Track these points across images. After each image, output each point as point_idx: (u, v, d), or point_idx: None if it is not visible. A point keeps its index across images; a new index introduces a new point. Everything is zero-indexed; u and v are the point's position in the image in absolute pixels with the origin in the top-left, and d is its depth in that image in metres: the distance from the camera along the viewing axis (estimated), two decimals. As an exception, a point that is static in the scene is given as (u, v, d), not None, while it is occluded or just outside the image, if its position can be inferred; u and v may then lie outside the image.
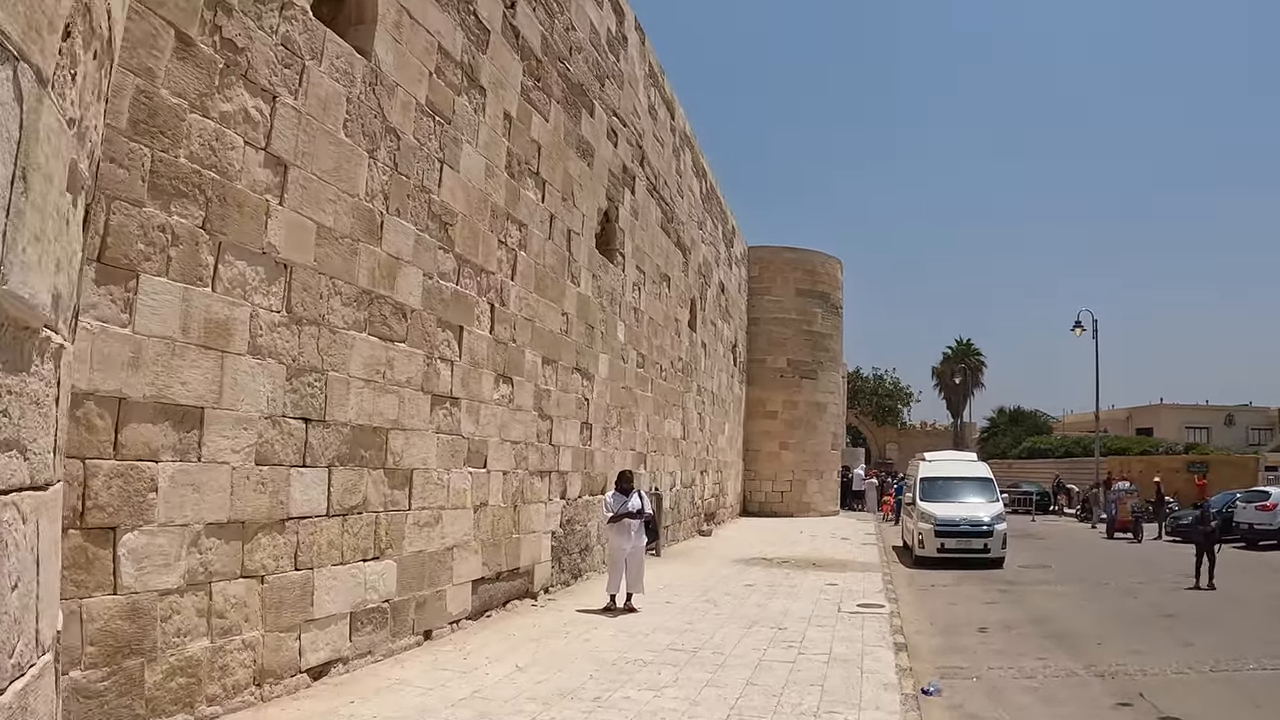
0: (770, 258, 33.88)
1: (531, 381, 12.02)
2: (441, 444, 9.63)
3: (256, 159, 6.99)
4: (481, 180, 10.54)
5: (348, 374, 8.02)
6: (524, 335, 11.77)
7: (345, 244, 8.01)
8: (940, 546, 18.94)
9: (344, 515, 8.02)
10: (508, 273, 11.27)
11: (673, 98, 20.38)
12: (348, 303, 8.04)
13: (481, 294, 10.57)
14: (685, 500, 22.02)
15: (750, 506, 32.88)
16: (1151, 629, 12.39)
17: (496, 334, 10.95)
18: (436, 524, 9.54)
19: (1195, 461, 35.72)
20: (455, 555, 9.98)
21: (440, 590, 9.65)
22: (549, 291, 12.63)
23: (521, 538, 11.79)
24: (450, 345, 9.82)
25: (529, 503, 12.05)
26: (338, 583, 7.95)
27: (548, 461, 12.65)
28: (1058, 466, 43.47)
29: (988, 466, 22.22)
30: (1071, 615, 13.32)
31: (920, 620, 12.66)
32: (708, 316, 24.83)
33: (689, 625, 10.85)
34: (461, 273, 10.07)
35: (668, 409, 19.85)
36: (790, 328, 33.73)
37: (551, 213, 12.75)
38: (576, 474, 13.81)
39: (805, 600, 13.06)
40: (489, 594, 10.89)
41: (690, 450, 22.50)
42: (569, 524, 13.52)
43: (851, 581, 15.26)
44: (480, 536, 10.63)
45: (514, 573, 11.64)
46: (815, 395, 34.21)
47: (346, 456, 8.01)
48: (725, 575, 15.72)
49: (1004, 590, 15.73)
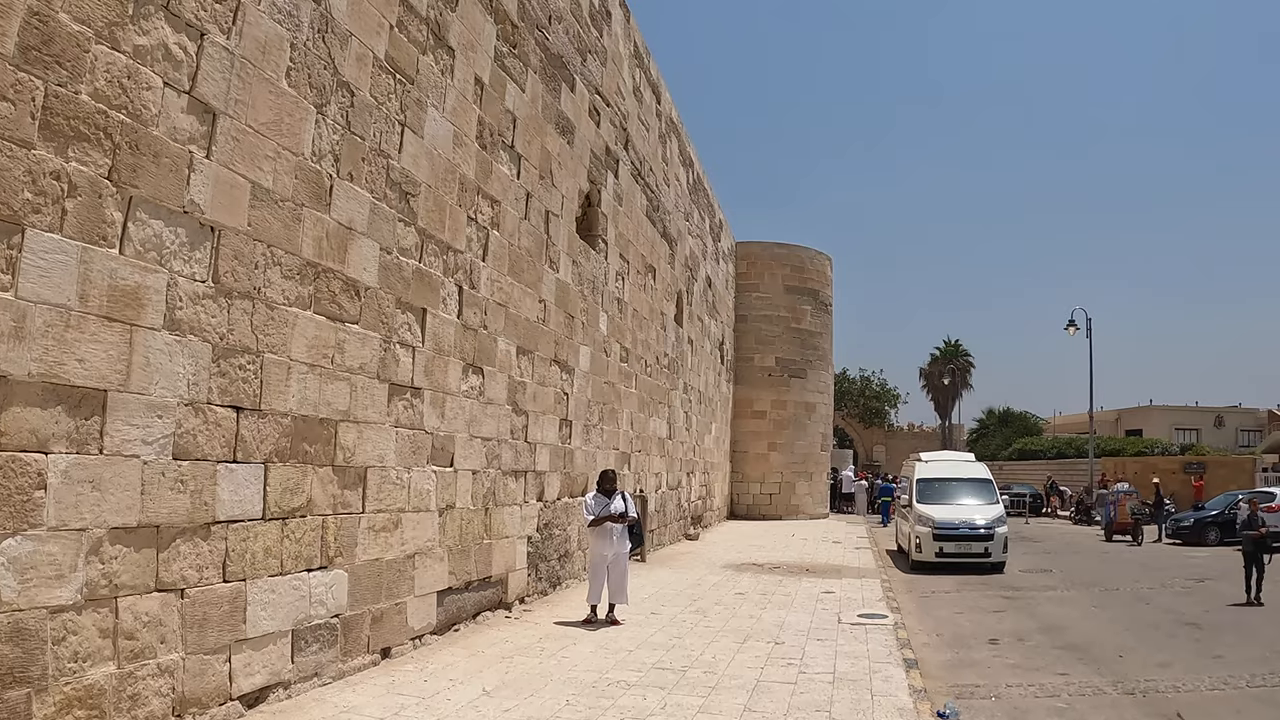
0: (759, 253, 32.96)
1: (505, 373, 11.04)
2: (401, 439, 8.64)
3: (179, 103, 6.00)
4: (449, 149, 9.56)
5: (288, 357, 7.02)
6: (496, 322, 10.79)
7: (287, 208, 7.02)
8: (939, 551, 18.02)
9: (284, 519, 7.02)
10: (478, 252, 10.29)
11: (659, 80, 19.43)
12: (289, 275, 7.05)
13: (448, 274, 9.58)
14: (671, 503, 21.05)
15: (738, 509, 31.94)
16: (1174, 639, 11.50)
17: (465, 319, 9.97)
18: (395, 529, 8.54)
19: (1192, 462, 34.97)
20: (417, 563, 8.98)
21: (400, 603, 8.65)
22: (525, 276, 11.66)
23: (493, 543, 10.80)
24: (411, 329, 8.83)
25: (502, 505, 11.06)
26: (277, 596, 6.95)
27: (523, 460, 11.67)
28: (1049, 468, 42.65)
29: (986, 467, 21.32)
30: (1085, 624, 12.43)
31: (926, 631, 11.73)
32: (694, 312, 23.88)
33: (677, 640, 9.87)
34: (425, 249, 9.09)
35: (653, 407, 18.88)
36: (779, 325, 32.81)
37: (528, 190, 11.77)
38: (555, 474, 12.82)
39: (802, 610, 12.10)
40: (457, 605, 9.90)
41: (676, 450, 21.53)
42: (547, 528, 12.54)
43: (849, 589, 14.32)
44: (446, 542, 9.64)
45: (485, 582, 10.65)
46: (804, 395, 33.29)
47: (287, 451, 7.01)
48: (715, 583, 14.75)
49: (1009, 597, 14.83)
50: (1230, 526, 23.80)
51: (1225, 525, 24.07)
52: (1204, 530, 24.49)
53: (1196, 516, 25.15)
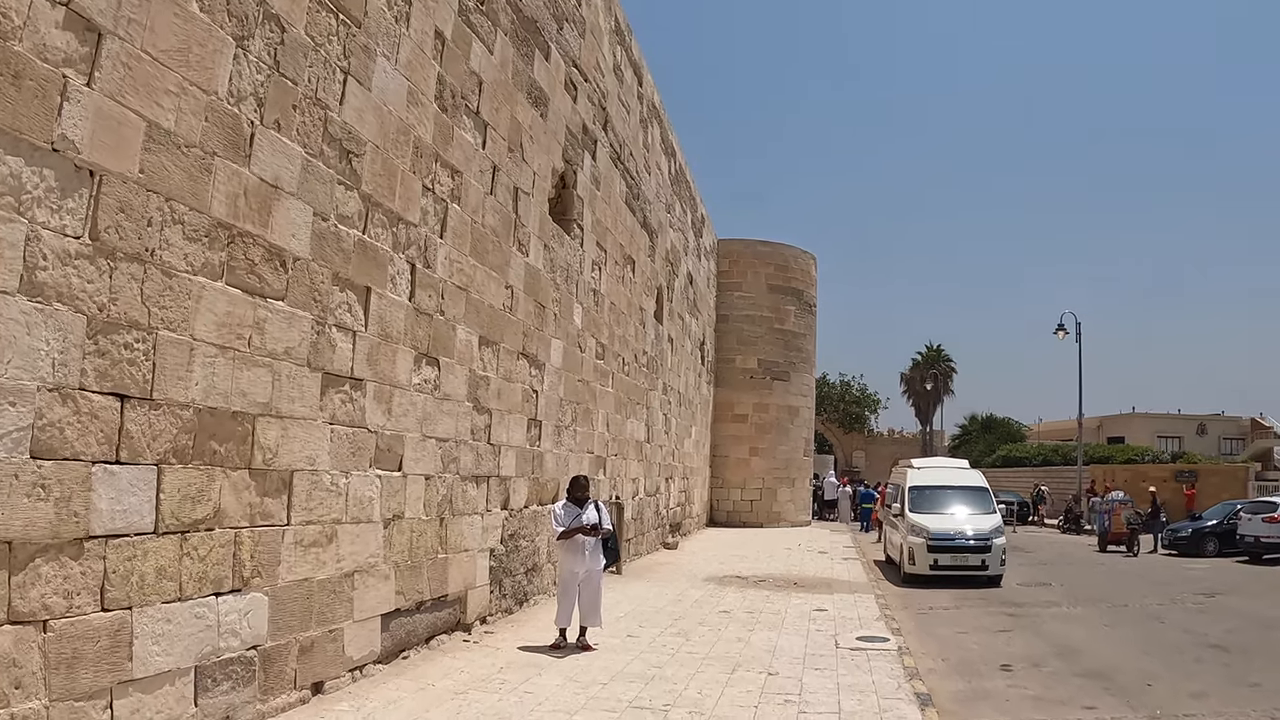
0: (741, 251, 31.85)
1: (465, 365, 9.84)
2: (338, 439, 7.43)
3: (52, 15, 4.80)
4: (402, 107, 8.36)
5: (191, 336, 5.80)
6: (456, 307, 9.59)
7: (193, 156, 5.80)
8: (933, 563, 16.92)
9: (184, 533, 5.79)
10: (435, 227, 9.09)
11: (641, 61, 18.29)
12: (194, 237, 5.83)
13: (399, 249, 8.38)
14: (649, 510, 19.88)
15: (717, 516, 30.79)
16: (1201, 664, 10.45)
17: (418, 302, 8.76)
18: (330, 543, 7.32)
19: (1183, 470, 34.07)
20: (357, 582, 7.76)
21: (335, 629, 7.43)
22: (489, 257, 10.46)
23: (450, 558, 9.60)
24: (352, 310, 7.61)
25: (461, 515, 9.86)
26: (174, 627, 5.72)
27: (485, 464, 10.47)
28: (1035, 475, 41.73)
29: (981, 474, 20.24)
30: (1101, 646, 11.35)
31: (930, 655, 10.61)
32: (675, 309, 22.72)
33: (657, 670, 8.68)
34: (370, 218, 7.88)
35: (631, 408, 17.70)
36: (761, 326, 31.70)
37: (494, 163, 10.59)
38: (522, 480, 11.63)
39: (794, 632, 10.95)
40: (406, 629, 8.68)
41: (655, 455, 20.36)
42: (512, 539, 11.34)
43: (843, 606, 13.19)
44: (394, 558, 8.42)
45: (440, 601, 9.44)
46: (787, 398, 32.20)
47: (188, 451, 5.79)
48: (697, 599, 13.58)
49: (1012, 615, 13.75)
50: (1230, 537, 22.95)
51: (1224, 536, 23.19)
52: (1202, 541, 23.57)
53: (1194, 527, 24.22)
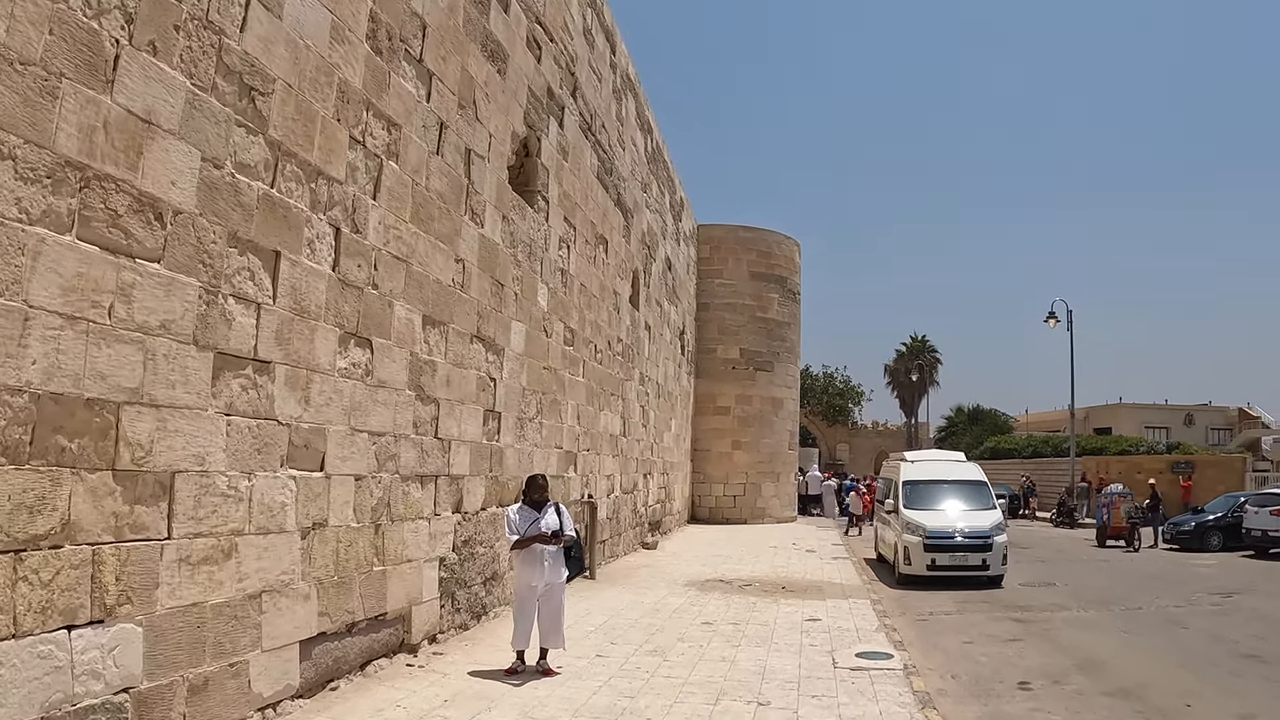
0: (723, 237, 30.63)
1: (405, 348, 8.59)
2: (237, 433, 6.17)
3: None
4: (323, 42, 7.10)
5: (25, 300, 4.55)
6: (393, 280, 8.34)
7: (31, 76, 4.54)
8: (930, 563, 15.80)
9: (17, 551, 4.54)
10: (366, 186, 7.84)
11: (614, 28, 17.04)
12: (31, 177, 4.57)
13: (319, 209, 7.13)
14: (626, 508, 18.66)
15: (699, 513, 29.62)
16: (1240, 678, 9.36)
17: (344, 272, 7.51)
18: (227, 559, 6.07)
19: (1179, 461, 33.15)
20: (267, 604, 6.51)
21: (238, 661, 6.18)
22: (435, 226, 9.22)
23: (389, 570, 8.36)
24: (255, 278, 6.35)
25: (401, 520, 8.62)
26: (9, 671, 4.48)
27: (432, 462, 9.23)
28: (1024, 467, 40.74)
29: (980, 468, 19.11)
30: (1126, 658, 10.24)
31: (937, 671, 9.46)
32: (653, 294, 21.50)
33: (628, 701, 7.45)
34: (281, 170, 6.62)
35: (604, 399, 16.48)
36: (743, 314, 30.51)
37: (441, 119, 9.34)
38: (478, 479, 10.39)
39: (785, 649, 9.76)
40: (334, 656, 7.44)
41: (632, 449, 19.14)
42: (467, 546, 10.11)
43: (836, 614, 12.02)
44: (315, 573, 7.18)
45: (377, 621, 8.20)
46: (771, 389, 31.03)
47: (21, 447, 4.53)
48: (676, 607, 12.37)
49: (1020, 620, 12.63)
50: (1234, 531, 21.97)
51: (1228, 530, 22.20)
52: (1206, 535, 22.58)
53: (1197, 520, 23.22)
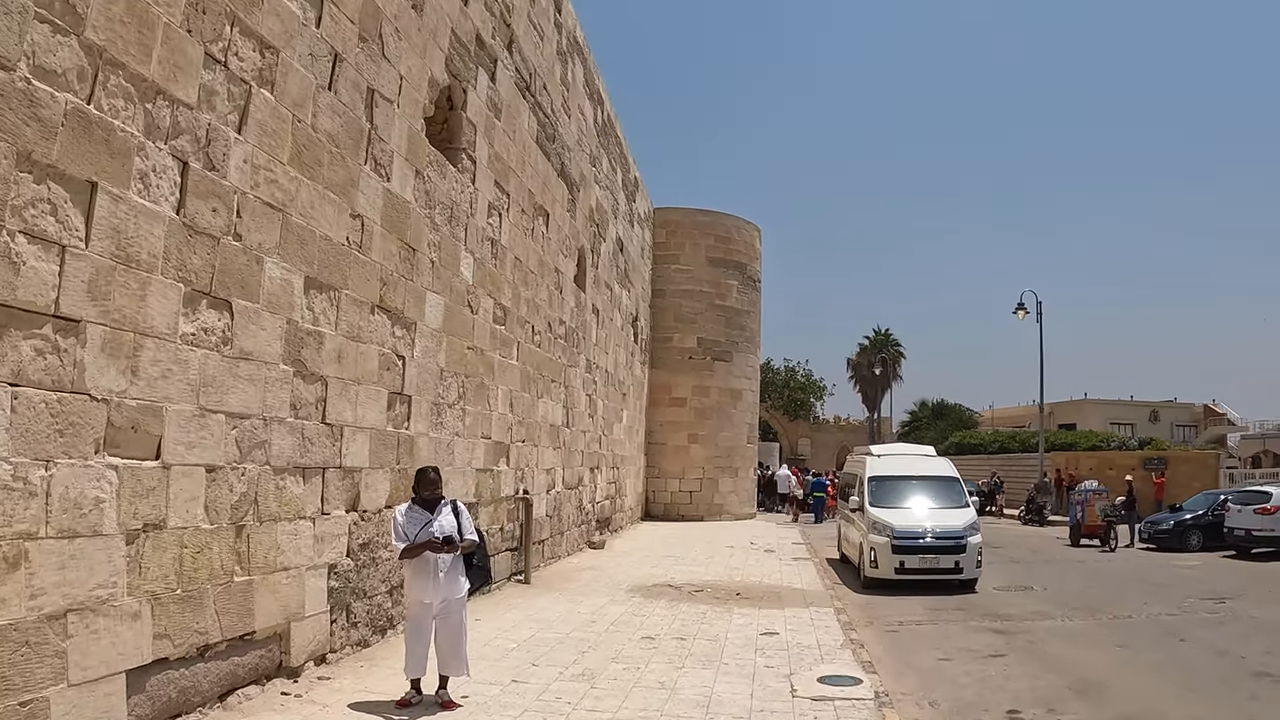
0: (680, 220, 29.21)
1: (279, 314, 7.08)
2: (27, 409, 4.64)
3: None
4: (149, -83, 5.57)
5: None
6: (264, 232, 6.82)
7: None
8: (899, 565, 14.48)
9: None
10: (229, 116, 6.31)
11: (556, -20, 15.56)
12: None
13: (158, 136, 5.60)
14: (570, 505, 17.19)
15: (654, 509, 28.24)
16: (1258, 702, 8.15)
17: (193, 216, 5.99)
18: (13, 569, 4.53)
19: (1153, 458, 32.16)
20: (76, 626, 4.98)
21: (32, 700, 4.63)
22: (325, 173, 7.70)
23: (257, 580, 6.85)
24: (59, 213, 4.80)
25: (275, 520, 7.11)
26: None
27: (318, 452, 7.72)
28: (991, 463, 39.71)
29: (950, 463, 17.82)
30: (1126, 678, 8.96)
31: (913, 699, 8.11)
32: (601, 276, 20.03)
33: (536, 747, 6.04)
34: (103, 84, 5.09)
35: (544, 385, 15.00)
36: (701, 301, 29.12)
37: (335, 50, 7.82)
38: (380, 471, 8.89)
39: (736, 671, 8.35)
40: (180, 686, 5.93)
41: (577, 441, 17.67)
42: (366, 550, 8.61)
43: (797, 626, 10.65)
44: (149, 586, 5.66)
45: (243, 641, 6.69)
46: (729, 380, 29.68)
47: None
48: (616, 619, 10.91)
49: (1001, 631, 11.34)
50: (1215, 530, 20.95)
51: (1208, 529, 21.16)
52: (1185, 534, 21.54)
53: (1176, 519, 22.16)
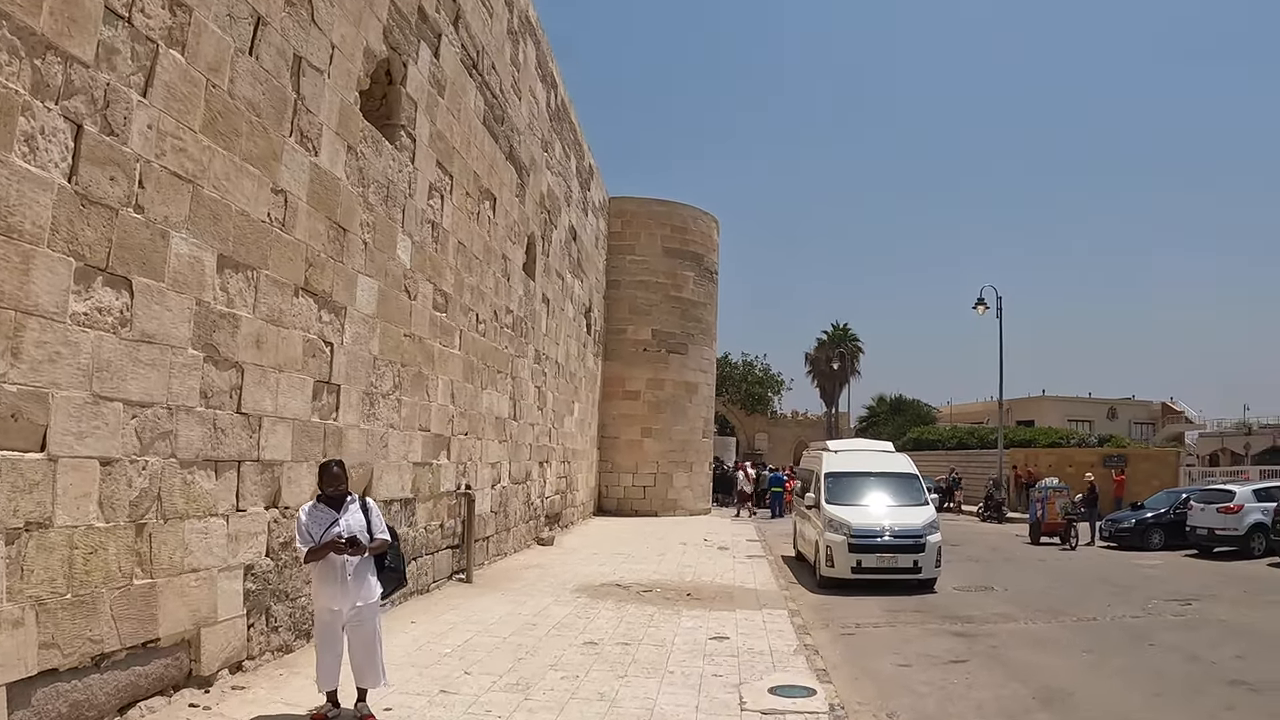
0: (635, 210, 28.65)
1: (188, 294, 6.44)
2: None
3: None
4: None
5: None
6: (170, 204, 6.18)
7: None
8: (855, 564, 14.10)
9: None
10: (132, 77, 5.68)
11: (507, -45, 14.92)
12: None
13: (47, 96, 4.98)
14: (517, 500, 16.60)
15: (607, 504, 27.72)
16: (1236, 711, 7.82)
17: (86, 184, 5.35)
18: None
19: (1112, 455, 32.15)
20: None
21: None
22: (243, 144, 7.06)
23: (161, 583, 6.22)
24: None
25: (183, 518, 6.48)
26: None
27: (232, 444, 7.09)
28: (950, 459, 39.62)
29: (910, 459, 17.48)
30: (1095, 686, 8.58)
31: (871, 708, 7.66)
32: (552, 265, 19.43)
33: (459, 774, 5.49)
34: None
35: (489, 376, 14.40)
36: (656, 293, 28.61)
37: (259, 13, 7.18)
38: (305, 465, 8.25)
39: (682, 681, 7.84)
40: (71, 700, 5.31)
41: (525, 435, 17.08)
42: (289, 549, 7.97)
43: (748, 630, 10.17)
44: (33, 590, 5.04)
45: (146, 650, 6.07)
46: (684, 373, 29.19)
47: None
48: (558, 621, 10.36)
49: (961, 634, 10.96)
50: (1177, 529, 20.86)
51: (1170, 527, 21.08)
52: (1147, 533, 21.42)
53: (1137, 517, 22.04)
